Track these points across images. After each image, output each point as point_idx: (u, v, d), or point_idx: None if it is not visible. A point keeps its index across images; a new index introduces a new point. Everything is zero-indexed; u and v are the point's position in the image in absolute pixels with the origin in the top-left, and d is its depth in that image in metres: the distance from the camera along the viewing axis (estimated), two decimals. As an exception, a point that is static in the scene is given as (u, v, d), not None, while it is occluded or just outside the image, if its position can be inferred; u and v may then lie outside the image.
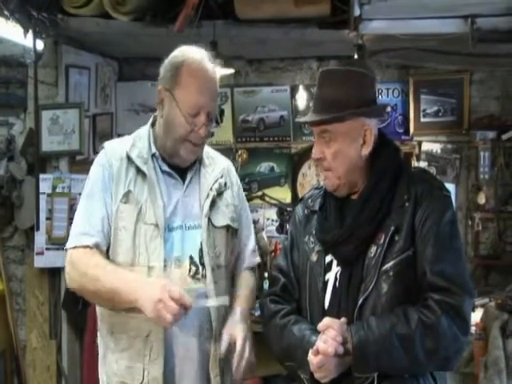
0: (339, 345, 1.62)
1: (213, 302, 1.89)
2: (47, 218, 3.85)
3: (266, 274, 3.69)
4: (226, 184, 2.04)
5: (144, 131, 2.01)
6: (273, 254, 3.94)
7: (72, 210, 3.85)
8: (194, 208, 1.96)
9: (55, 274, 3.95)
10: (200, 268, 1.92)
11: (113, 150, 1.97)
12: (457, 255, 1.70)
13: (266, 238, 3.89)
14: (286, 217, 3.73)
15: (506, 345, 2.99)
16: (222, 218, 1.99)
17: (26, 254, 4.07)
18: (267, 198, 3.96)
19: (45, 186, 3.84)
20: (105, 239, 1.90)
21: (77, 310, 3.92)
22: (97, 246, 1.88)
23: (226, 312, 1.95)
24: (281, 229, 3.86)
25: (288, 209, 3.83)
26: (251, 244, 2.14)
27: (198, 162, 2.01)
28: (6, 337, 3.97)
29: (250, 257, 2.13)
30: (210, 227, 1.95)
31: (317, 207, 1.86)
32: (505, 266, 4.03)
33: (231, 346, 1.86)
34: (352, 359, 1.64)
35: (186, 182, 1.97)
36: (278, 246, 3.89)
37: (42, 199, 3.82)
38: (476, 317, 3.15)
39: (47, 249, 3.86)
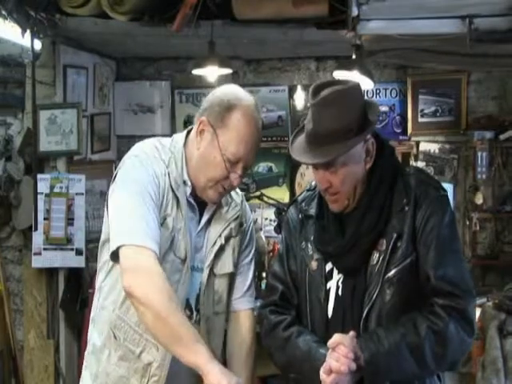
0: (351, 361, 1.58)
1: None
2: (45, 218, 3.84)
3: (263, 274, 3.70)
4: (241, 224, 1.93)
5: (178, 150, 1.85)
6: (271, 253, 3.94)
7: (70, 210, 3.86)
8: (202, 251, 1.87)
9: (53, 274, 3.94)
10: (194, 314, 1.86)
11: (158, 161, 1.80)
12: (458, 257, 1.70)
13: (264, 238, 3.90)
14: (285, 217, 3.73)
15: (503, 344, 3.01)
16: (226, 265, 1.90)
17: (23, 254, 4.06)
18: (265, 198, 3.95)
19: (43, 186, 3.83)
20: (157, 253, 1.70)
21: (75, 310, 3.92)
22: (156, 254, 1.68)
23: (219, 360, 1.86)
24: (279, 229, 3.85)
25: (286, 209, 3.83)
26: (247, 286, 1.97)
27: None
28: (4, 337, 3.96)
29: (247, 298, 1.98)
30: (211, 277, 1.87)
31: (312, 212, 1.81)
32: (502, 266, 4.04)
33: None
34: (365, 374, 1.62)
35: (203, 221, 1.87)
36: (276, 246, 3.89)
37: (40, 199, 3.81)
38: (474, 317, 3.16)
39: (45, 249, 3.86)
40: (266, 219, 4.37)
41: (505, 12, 3.26)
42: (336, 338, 1.62)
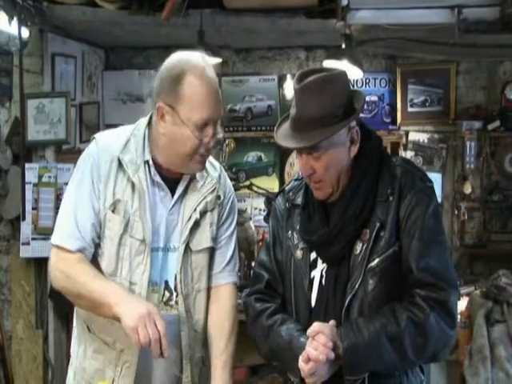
0: (330, 351, 1.59)
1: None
2: (33, 208, 3.82)
3: (253, 264, 3.70)
4: (219, 197, 1.90)
5: (140, 132, 1.85)
6: (260, 243, 3.95)
7: (58, 199, 3.83)
8: (177, 228, 1.85)
9: (41, 264, 3.92)
10: (174, 295, 1.85)
11: (104, 149, 1.83)
12: (442, 248, 1.69)
13: (253, 228, 3.90)
14: (272, 206, 3.73)
15: (490, 333, 3.03)
16: (203, 241, 1.88)
17: (11, 244, 4.04)
18: (255, 188, 3.96)
19: (31, 176, 3.81)
20: (91, 244, 1.81)
21: (63, 300, 3.86)
22: (82, 251, 1.79)
23: (200, 339, 1.90)
24: (268, 218, 3.86)
25: (274, 198, 3.83)
26: (227, 260, 1.96)
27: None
28: (-8, 327, 3.95)
29: (228, 273, 1.96)
30: (187, 253, 1.85)
31: (299, 201, 1.81)
32: (490, 255, 4.07)
33: None
34: (343, 363, 1.62)
35: (175, 198, 1.85)
36: (266, 236, 3.89)
37: (28, 189, 3.79)
38: (461, 305, 3.17)
39: (33, 239, 3.84)
40: (256, 209, 4.37)
41: (493, 2, 3.28)
42: (315, 326, 1.63)
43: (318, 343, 1.60)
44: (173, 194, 1.86)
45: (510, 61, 4.14)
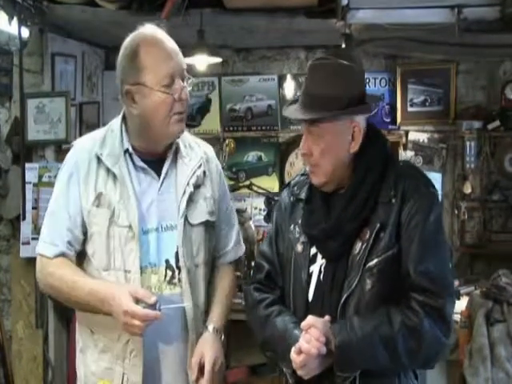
0: (322, 345, 1.61)
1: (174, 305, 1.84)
2: (33, 208, 3.82)
3: (253, 263, 3.70)
4: (205, 173, 1.95)
5: (116, 125, 1.92)
6: (260, 243, 3.95)
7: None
8: (170, 207, 1.88)
9: (42, 263, 3.92)
10: (176, 272, 1.87)
11: (81, 151, 1.90)
12: (441, 255, 1.69)
13: (253, 228, 3.90)
14: (274, 206, 3.73)
15: (490, 332, 3.03)
16: (199, 214, 1.92)
17: (11, 243, 4.04)
18: (255, 188, 3.95)
19: (31, 176, 3.81)
20: (70, 247, 1.87)
21: (63, 300, 3.91)
22: (62, 255, 1.86)
23: (202, 313, 1.92)
24: (268, 218, 3.86)
25: (276, 198, 3.83)
26: (233, 238, 2.07)
27: (173, 154, 1.92)
28: (-8, 327, 3.95)
29: (232, 252, 2.07)
30: (186, 227, 1.88)
31: (303, 196, 1.83)
32: (490, 255, 4.07)
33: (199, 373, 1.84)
34: (334, 360, 1.64)
35: (161, 177, 1.89)
36: (266, 236, 3.89)
37: (28, 189, 3.79)
38: (461, 305, 3.18)
39: (33, 238, 3.83)
40: (256, 208, 4.37)
41: (493, 2, 3.27)
42: (309, 320, 1.65)
43: (310, 336, 1.62)
44: (159, 176, 1.90)
45: (510, 61, 4.14)
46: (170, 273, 1.87)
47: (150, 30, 1.87)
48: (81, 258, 1.91)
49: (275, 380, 3.45)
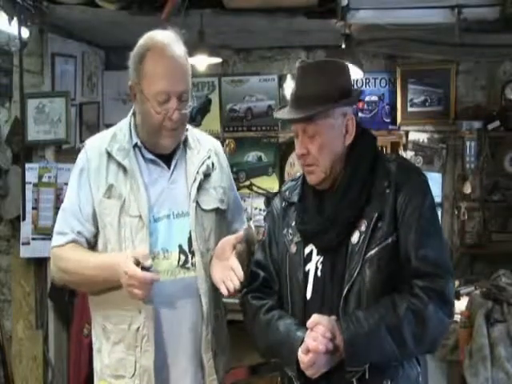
0: (329, 341, 1.63)
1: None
2: (33, 208, 3.83)
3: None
4: (213, 165, 2.01)
5: (125, 122, 1.99)
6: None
7: (59, 199, 3.83)
8: (181, 194, 1.93)
9: (41, 263, 3.92)
10: (189, 256, 1.91)
11: (92, 148, 1.96)
12: (438, 239, 1.74)
13: (253, 228, 3.89)
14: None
15: (490, 332, 3.03)
16: (210, 201, 1.96)
17: (11, 243, 4.04)
18: (255, 188, 3.96)
19: (31, 176, 3.81)
20: (82, 236, 1.92)
21: (63, 300, 3.91)
22: (73, 242, 1.91)
23: (215, 296, 1.94)
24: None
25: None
26: (244, 222, 2.14)
27: (183, 145, 1.97)
28: (-8, 327, 3.95)
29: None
30: (198, 212, 1.92)
31: (295, 199, 1.85)
32: (490, 255, 4.07)
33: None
34: (344, 355, 1.64)
35: (172, 168, 1.95)
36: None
37: (28, 189, 3.79)
38: (461, 305, 3.18)
39: (33, 239, 3.84)
40: (256, 209, 4.37)
41: (493, 2, 3.28)
42: (314, 318, 1.67)
43: (317, 334, 1.63)
44: (169, 167, 1.95)
45: (510, 61, 4.14)
46: (183, 257, 1.90)
47: (165, 38, 1.89)
48: (94, 250, 1.94)
49: (275, 380, 3.45)
